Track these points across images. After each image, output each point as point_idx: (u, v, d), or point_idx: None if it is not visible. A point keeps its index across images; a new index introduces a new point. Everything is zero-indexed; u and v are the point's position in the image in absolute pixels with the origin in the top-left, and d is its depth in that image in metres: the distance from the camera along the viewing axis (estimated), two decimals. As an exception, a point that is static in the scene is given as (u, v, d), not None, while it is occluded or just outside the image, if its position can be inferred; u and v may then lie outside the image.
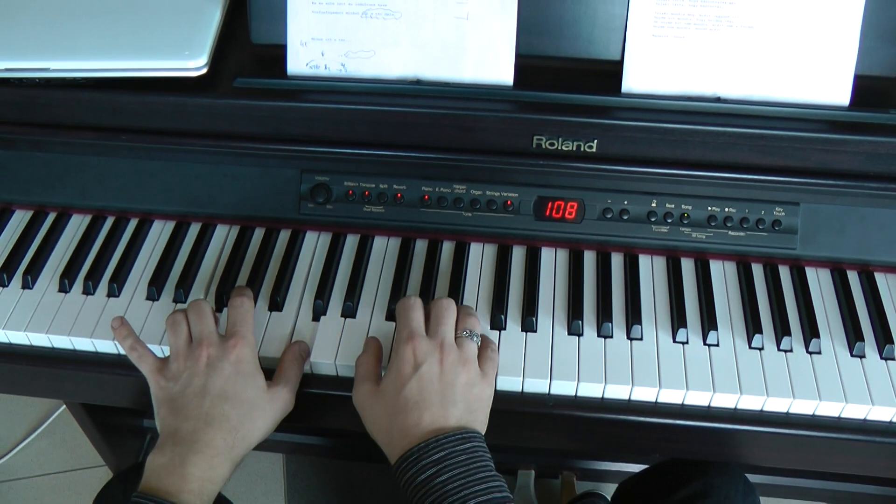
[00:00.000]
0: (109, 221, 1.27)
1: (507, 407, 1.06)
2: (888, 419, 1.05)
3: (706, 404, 1.06)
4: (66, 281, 1.19)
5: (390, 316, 1.13)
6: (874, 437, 1.04)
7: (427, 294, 1.15)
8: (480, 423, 0.98)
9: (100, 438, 1.87)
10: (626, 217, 1.16)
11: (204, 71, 1.14)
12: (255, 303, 1.14)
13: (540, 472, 1.90)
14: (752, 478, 1.29)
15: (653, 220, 1.16)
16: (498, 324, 1.12)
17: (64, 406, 2.20)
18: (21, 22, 1.19)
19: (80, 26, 1.18)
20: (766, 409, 1.06)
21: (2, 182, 1.26)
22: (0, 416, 2.29)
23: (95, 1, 1.21)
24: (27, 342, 1.15)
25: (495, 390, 1.03)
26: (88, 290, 1.18)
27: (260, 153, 1.18)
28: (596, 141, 1.11)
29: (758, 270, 1.18)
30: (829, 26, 1.09)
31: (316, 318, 1.14)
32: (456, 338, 1.01)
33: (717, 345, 1.10)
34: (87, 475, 2.16)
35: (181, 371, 1.02)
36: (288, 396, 1.05)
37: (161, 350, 1.11)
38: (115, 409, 1.85)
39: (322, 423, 1.17)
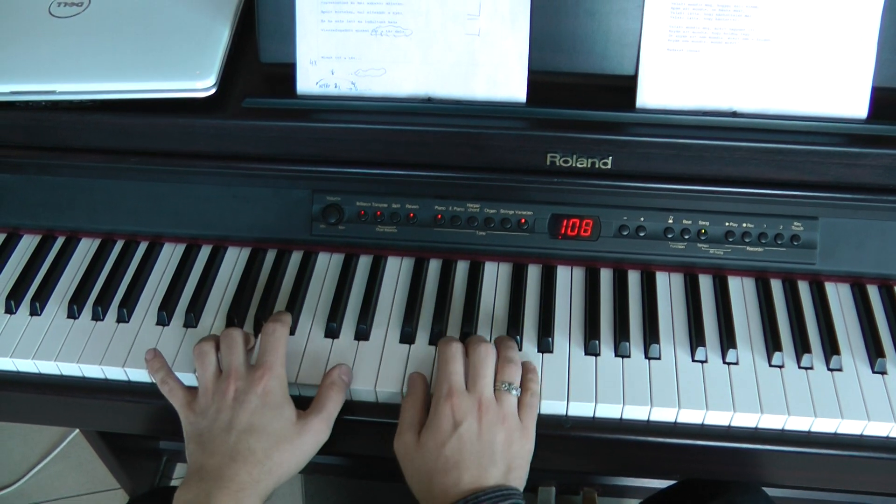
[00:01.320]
0: (119, 245, 1.26)
1: (526, 430, 1.05)
2: (912, 437, 1.03)
3: (726, 424, 1.05)
4: (74, 307, 1.17)
5: (404, 338, 1.12)
6: (897, 454, 1.03)
7: (441, 317, 1.14)
8: (520, 480, 0.98)
9: (114, 461, 1.86)
10: (642, 234, 1.15)
11: (212, 91, 1.13)
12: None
13: (561, 489, 1.88)
14: (772, 492, 1.27)
15: (670, 236, 1.15)
16: (514, 345, 1.10)
17: (77, 430, 2.19)
18: (27, 45, 1.18)
19: (87, 48, 1.17)
20: (787, 428, 1.04)
21: (9, 207, 1.25)
22: (14, 440, 2.28)
23: (101, 22, 1.20)
24: (35, 370, 1.14)
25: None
26: (98, 316, 1.17)
27: (270, 174, 1.17)
28: (611, 157, 1.10)
29: (777, 286, 1.17)
30: (845, 39, 1.07)
31: (328, 339, 1.13)
32: (495, 390, 1.00)
33: (737, 363, 1.08)
34: (102, 499, 2.15)
35: (209, 406, 1.01)
36: (320, 427, 1.02)
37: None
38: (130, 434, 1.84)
39: (337, 448, 1.15)
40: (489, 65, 1.11)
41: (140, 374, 1.11)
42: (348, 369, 1.08)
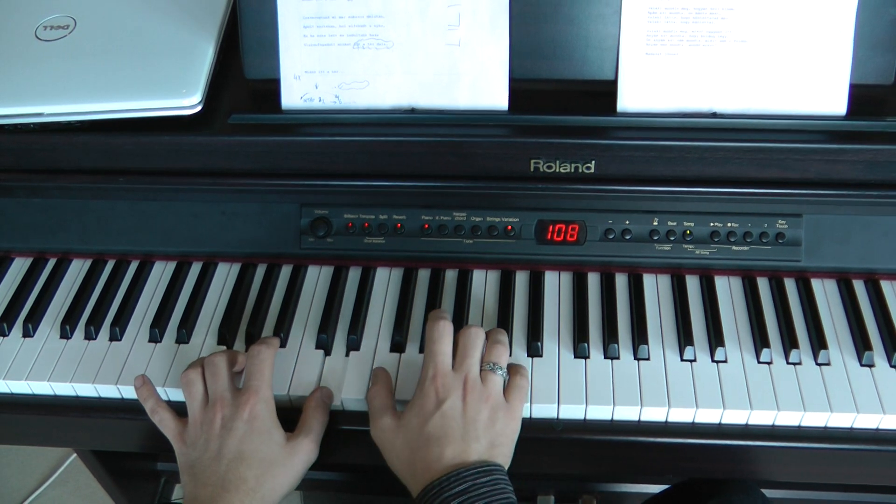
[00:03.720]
0: (110, 265, 1.27)
1: (516, 433, 1.05)
2: (901, 427, 1.04)
3: (717, 422, 1.05)
4: (67, 327, 1.18)
5: (395, 347, 1.13)
6: (887, 446, 1.03)
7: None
8: (504, 457, 0.98)
9: (113, 484, 1.85)
10: (628, 237, 1.16)
11: (198, 109, 1.14)
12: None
13: (559, 497, 1.87)
14: (770, 493, 1.27)
15: (655, 238, 1.16)
16: (503, 350, 1.11)
17: (75, 454, 2.19)
18: (14, 68, 1.19)
19: (73, 70, 1.18)
20: (777, 423, 1.05)
21: (0, 230, 1.25)
22: (11, 466, 2.27)
23: (87, 44, 1.21)
24: (29, 391, 1.14)
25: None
26: (90, 335, 1.17)
27: (258, 189, 1.17)
28: (594, 162, 1.11)
29: (763, 284, 1.17)
30: (821, 37, 1.08)
31: (319, 351, 1.13)
32: (482, 371, 1.01)
33: (726, 361, 1.09)
34: (102, 523, 2.14)
35: (198, 436, 1.01)
36: (309, 447, 1.03)
37: (165, 392, 1.11)
38: (127, 453, 1.84)
39: (331, 458, 1.16)
40: (471, 74, 1.12)
41: (133, 392, 1.11)
42: (329, 391, 1.08)
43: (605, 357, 1.10)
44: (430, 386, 0.98)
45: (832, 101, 1.10)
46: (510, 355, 1.10)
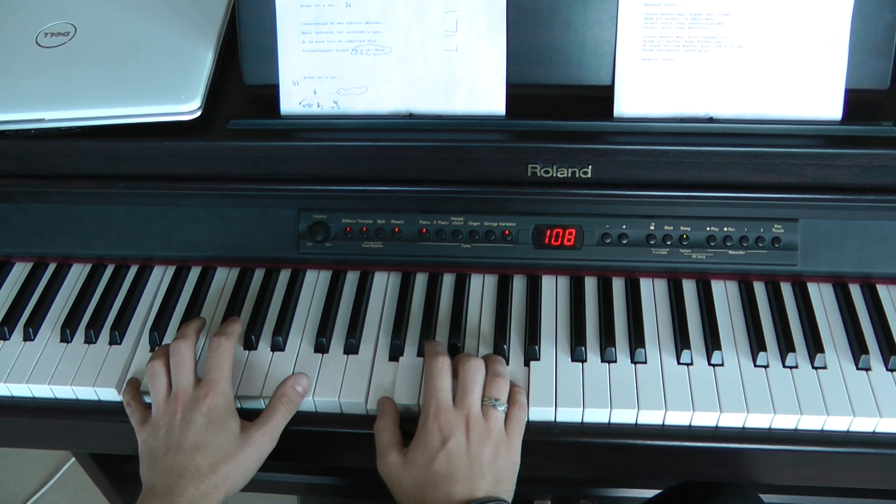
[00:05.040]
0: (110, 269, 1.27)
1: (515, 437, 1.06)
2: (897, 431, 1.04)
3: (714, 425, 1.05)
4: (67, 331, 1.18)
5: (393, 351, 1.13)
6: (883, 449, 1.04)
7: (429, 330, 1.15)
8: (507, 493, 0.99)
9: (111, 489, 1.86)
10: (625, 241, 1.16)
11: (198, 114, 1.15)
12: (257, 345, 1.15)
13: (556, 501, 1.88)
14: (767, 498, 1.27)
15: (652, 243, 1.16)
16: (501, 354, 1.11)
17: (73, 459, 2.19)
18: (15, 75, 1.20)
19: (74, 76, 1.19)
20: (774, 426, 1.05)
21: (0, 235, 1.26)
22: (10, 472, 2.28)
23: (87, 50, 1.22)
24: (29, 394, 1.15)
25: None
26: (90, 339, 1.18)
27: (257, 194, 1.18)
28: (591, 166, 1.11)
29: (760, 288, 1.18)
30: (817, 42, 1.09)
31: (318, 354, 1.14)
32: (483, 405, 1.02)
33: (722, 364, 1.09)
34: (100, 527, 2.14)
35: (159, 426, 1.03)
36: (263, 440, 1.04)
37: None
38: (125, 458, 1.83)
39: (329, 461, 1.17)
40: (468, 79, 1.13)
41: (133, 395, 1.12)
42: (304, 379, 1.10)
43: (603, 361, 1.11)
44: (433, 423, 1.00)
45: (828, 105, 1.11)
46: (507, 358, 1.11)
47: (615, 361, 1.10)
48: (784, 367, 1.09)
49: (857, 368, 1.09)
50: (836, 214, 1.14)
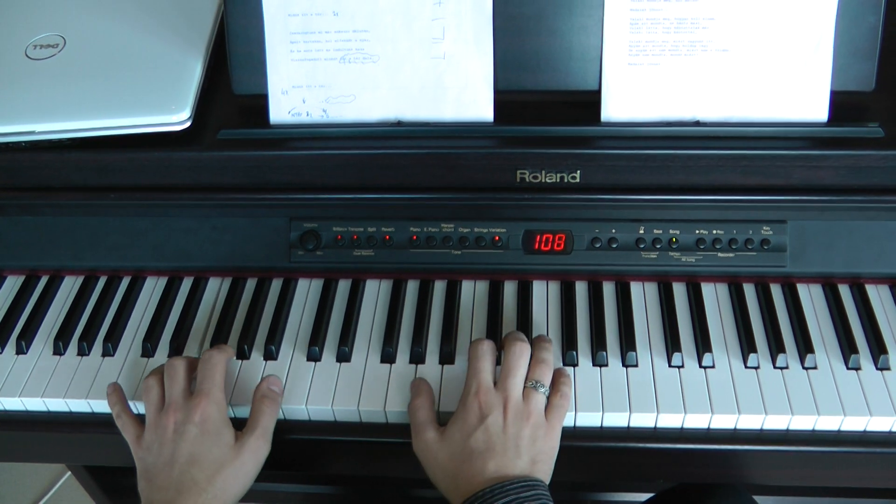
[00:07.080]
0: (102, 281, 1.27)
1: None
2: (887, 429, 1.05)
3: (705, 426, 1.06)
4: (60, 343, 1.19)
5: (385, 358, 1.13)
6: (874, 448, 1.04)
7: (421, 337, 1.15)
8: (544, 474, 0.99)
9: (107, 502, 1.86)
10: (614, 245, 1.17)
11: (188, 125, 1.15)
12: (250, 354, 1.15)
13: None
14: (760, 499, 1.28)
15: (641, 246, 1.17)
16: (492, 359, 1.11)
17: (69, 473, 2.19)
18: (5, 88, 1.20)
19: (64, 88, 1.19)
20: (765, 427, 1.06)
21: (-8, 249, 1.26)
22: (5, 488, 2.27)
23: (77, 62, 1.22)
24: (22, 408, 1.15)
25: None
26: (83, 351, 1.18)
27: (247, 204, 1.18)
28: (579, 171, 1.12)
29: (749, 290, 1.18)
30: (802, 45, 1.10)
31: (310, 364, 1.14)
32: (525, 387, 1.03)
33: (713, 366, 1.10)
34: (96, 541, 2.14)
35: (153, 441, 1.03)
36: (257, 444, 1.04)
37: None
38: (120, 470, 1.83)
39: (324, 469, 1.17)
40: (456, 87, 1.13)
41: (126, 406, 1.12)
42: (276, 379, 1.10)
43: (594, 365, 1.11)
44: (473, 401, 1.01)
45: (814, 108, 1.11)
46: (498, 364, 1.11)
47: (606, 365, 1.11)
48: (775, 367, 1.09)
49: (848, 368, 1.09)
50: (824, 215, 1.14)
